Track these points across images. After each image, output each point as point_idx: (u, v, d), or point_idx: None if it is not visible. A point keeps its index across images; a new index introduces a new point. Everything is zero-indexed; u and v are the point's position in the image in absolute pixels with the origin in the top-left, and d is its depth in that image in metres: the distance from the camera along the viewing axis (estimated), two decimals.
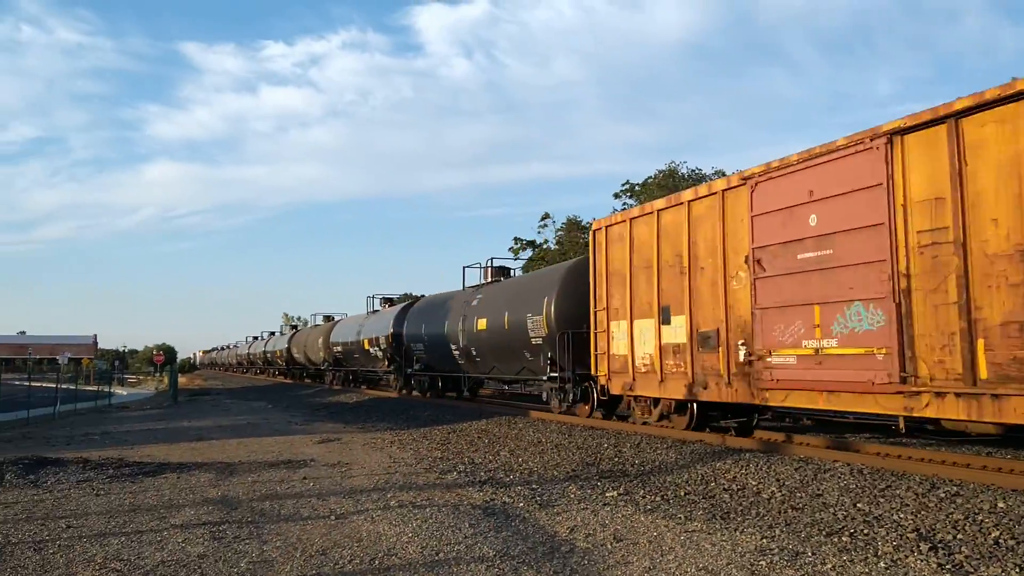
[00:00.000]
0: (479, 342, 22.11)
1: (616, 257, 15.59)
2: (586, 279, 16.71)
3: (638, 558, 6.65)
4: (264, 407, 29.87)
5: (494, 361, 21.81)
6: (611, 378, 15.58)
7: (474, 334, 22.28)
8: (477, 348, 22.38)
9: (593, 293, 16.30)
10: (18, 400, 26.19)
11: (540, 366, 18.55)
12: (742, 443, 12.49)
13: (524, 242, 54.94)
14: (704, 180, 43.38)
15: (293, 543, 7.42)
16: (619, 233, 15.52)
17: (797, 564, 6.25)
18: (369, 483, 10.72)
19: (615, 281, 15.55)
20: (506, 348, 20.42)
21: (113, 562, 6.91)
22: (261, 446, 15.72)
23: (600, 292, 16.05)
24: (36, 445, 16.96)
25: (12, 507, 9.56)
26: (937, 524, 7.18)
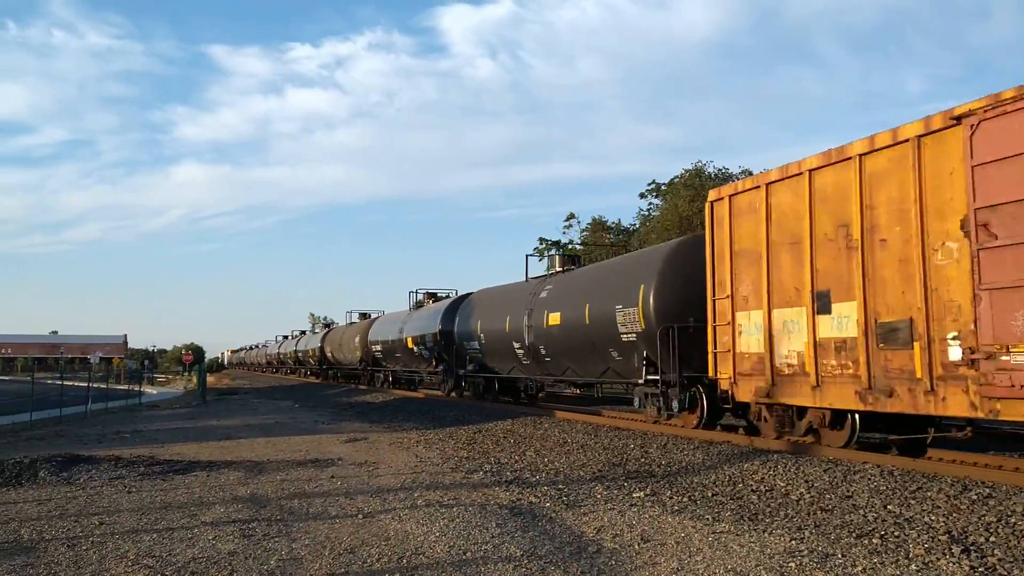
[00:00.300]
0: (549, 339, 19.47)
1: (744, 233, 12.72)
2: (693, 262, 14.23)
3: (666, 559, 6.63)
4: (291, 406, 30.09)
5: (569, 361, 19.12)
6: (737, 382, 12.73)
7: (543, 330, 19.66)
8: (547, 346, 19.72)
9: (711, 278, 13.45)
10: (51, 399, 26.56)
11: (632, 367, 15.88)
12: (770, 444, 12.40)
13: (549, 243, 54.95)
14: (731, 180, 43.13)
15: (322, 541, 7.48)
16: (749, 203, 12.66)
17: (827, 566, 6.21)
18: (396, 482, 10.77)
19: (743, 262, 12.71)
20: (585, 346, 17.73)
21: (145, 558, 7.01)
22: (289, 445, 15.85)
23: (721, 276, 13.22)
24: (69, 443, 17.22)
25: (46, 504, 9.72)
26: (969, 526, 7.10)
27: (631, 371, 16.09)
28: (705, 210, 13.88)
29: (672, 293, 14.69)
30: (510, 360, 22.40)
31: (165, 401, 38.39)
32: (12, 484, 11.16)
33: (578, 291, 18.66)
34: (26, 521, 8.68)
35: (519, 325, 21.04)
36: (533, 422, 17.52)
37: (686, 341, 14.07)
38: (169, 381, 75.84)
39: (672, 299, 14.64)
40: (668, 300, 14.68)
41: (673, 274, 14.80)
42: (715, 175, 43.37)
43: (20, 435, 20.00)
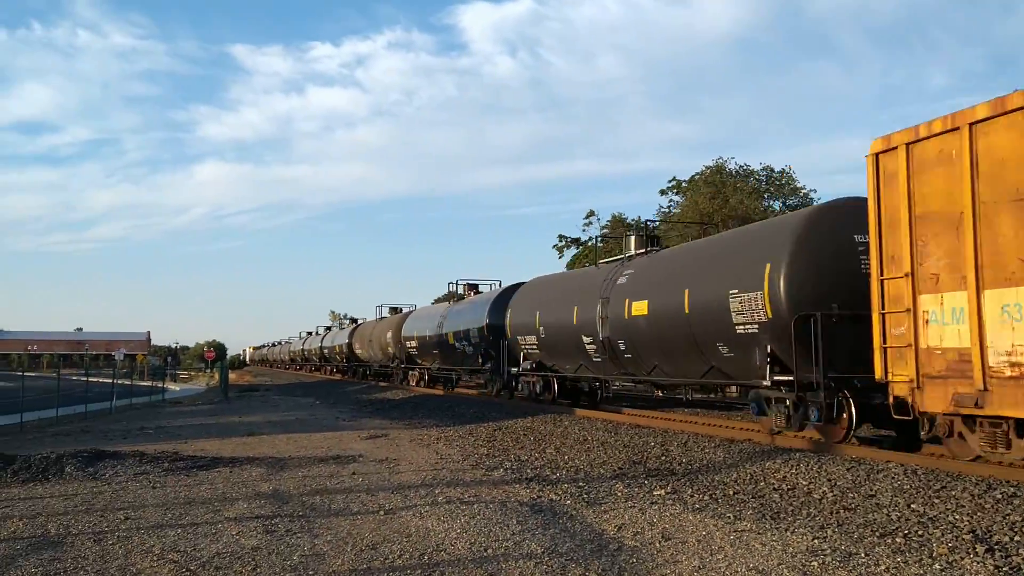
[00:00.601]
0: (632, 333, 16.53)
1: (932, 191, 9.85)
2: (837, 234, 12.09)
3: (687, 557, 6.62)
4: (312, 403, 30.28)
5: (657, 358, 16.16)
6: (923, 386, 9.83)
7: (623, 322, 16.70)
8: (628, 341, 16.74)
9: (877, 252, 10.61)
10: (76, 395, 26.89)
11: (749, 366, 13.14)
12: (792, 443, 12.34)
13: (569, 240, 54.87)
14: (753, 176, 42.90)
15: (343, 537, 7.53)
16: (938, 152, 9.77)
17: (850, 565, 6.17)
18: (417, 479, 10.82)
19: (931, 230, 9.85)
20: (683, 340, 14.89)
21: (170, 553, 7.08)
22: (310, 441, 15.95)
23: (894, 249, 10.37)
24: (94, 439, 17.43)
25: (72, 499, 9.84)
26: (994, 525, 7.03)
27: (747, 370, 13.39)
28: (867, 166, 10.82)
29: (810, 273, 12.02)
30: (576, 357, 19.59)
31: (188, 398, 38.74)
32: (39, 479, 11.31)
33: (672, 274, 15.74)
34: (53, 516, 8.80)
35: (590, 317, 18.16)
36: (553, 419, 17.52)
37: (826, 334, 11.55)
38: (191, 378, 76.50)
39: (810, 281, 11.98)
40: (805, 282, 12.00)
41: (811, 249, 12.13)
42: (736, 172, 43.10)
43: (46, 431, 20.27)
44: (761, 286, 12.50)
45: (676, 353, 15.46)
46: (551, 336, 20.62)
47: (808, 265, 12.09)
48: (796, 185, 42.40)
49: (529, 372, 22.39)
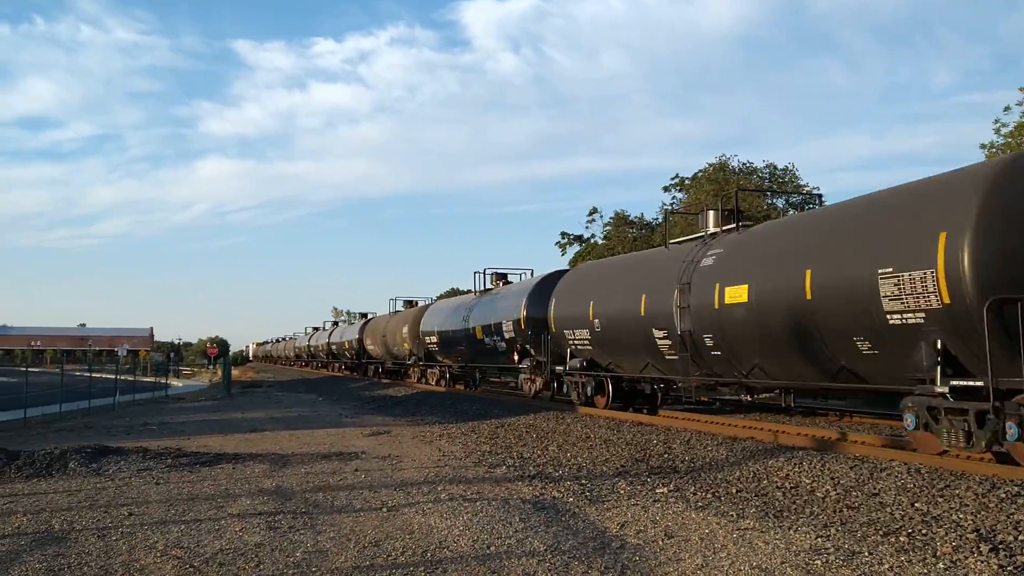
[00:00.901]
0: (725, 325, 13.59)
1: None
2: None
3: (690, 555, 6.62)
4: (314, 399, 30.32)
5: (761, 357, 13.22)
6: None
7: (712, 312, 13.75)
8: (719, 335, 13.81)
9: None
10: (80, 391, 26.94)
11: (905, 365, 10.43)
12: (794, 441, 12.33)
13: (571, 237, 54.86)
14: (755, 174, 42.87)
15: (346, 534, 7.53)
16: None
17: (853, 564, 6.17)
18: (419, 476, 10.82)
19: None
20: (801, 334, 11.98)
21: (174, 549, 7.09)
22: (313, 438, 15.97)
23: None
24: (98, 434, 17.47)
25: (76, 494, 9.86)
26: (998, 525, 7.02)
27: (897, 372, 10.74)
28: None
29: (1010, 244, 9.26)
30: (641, 355, 16.67)
31: (191, 394, 38.80)
32: (43, 475, 11.34)
33: (784, 252, 12.79)
34: (57, 511, 8.82)
35: (664, 306, 15.21)
36: (555, 417, 17.52)
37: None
38: (194, 374, 76.63)
39: (1011, 254, 9.22)
40: (1003, 256, 9.21)
41: (1010, 212, 9.36)
42: (739, 169, 43.06)
43: (50, 426, 20.31)
44: (932, 262, 9.63)
45: (787, 350, 12.49)
46: (609, 330, 17.66)
47: (1006, 232, 9.27)
48: (799, 183, 42.36)
49: (580, 371, 19.39)
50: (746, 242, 14.24)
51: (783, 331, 12.34)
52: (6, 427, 19.73)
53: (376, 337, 42.15)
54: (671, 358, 15.53)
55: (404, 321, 36.20)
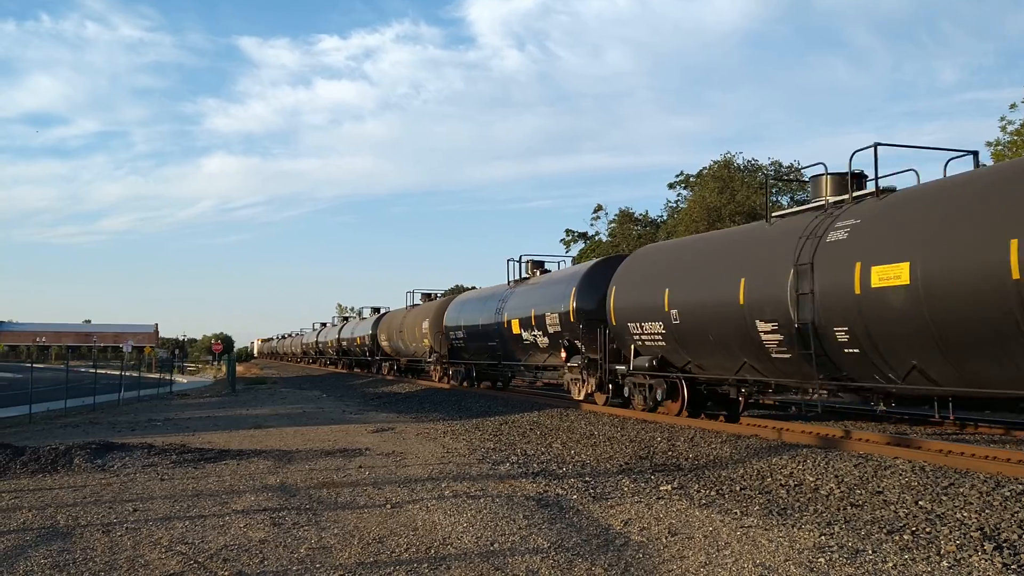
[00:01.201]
0: (870, 315, 10.74)
1: None
2: None
3: (693, 552, 6.62)
4: (319, 396, 30.35)
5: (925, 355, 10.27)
6: None
7: (849, 299, 10.99)
8: (858, 327, 10.98)
9: None
10: (85, 387, 27.01)
11: None
12: (798, 438, 12.32)
13: (576, 234, 54.89)
14: (760, 171, 42.81)
15: (350, 531, 7.55)
16: None
17: (857, 562, 6.16)
18: (423, 473, 10.83)
19: None
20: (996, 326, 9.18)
21: (179, 545, 7.11)
22: (317, 434, 16.00)
23: None
24: (102, 430, 17.51)
25: (81, 490, 9.89)
26: (1002, 523, 7.02)
27: None
28: None
29: None
30: (738, 352, 13.81)
31: (195, 390, 38.88)
32: (48, 470, 11.37)
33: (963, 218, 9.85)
34: (62, 507, 8.85)
35: (773, 293, 12.49)
36: (559, 414, 17.53)
37: None
38: (199, 370, 76.75)
39: None
40: None
41: None
42: (744, 167, 43.02)
43: (55, 422, 20.37)
44: None
45: (974, 346, 9.65)
46: (689, 322, 14.88)
47: None
48: (804, 180, 42.27)
49: (646, 371, 16.63)
50: (898, 208, 11.19)
51: (971, 322, 9.48)
52: (11, 423, 19.79)
53: (392, 332, 38.78)
54: (780, 357, 12.75)
55: (424, 315, 33.05)
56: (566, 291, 20.45)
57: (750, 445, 11.89)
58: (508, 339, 24.33)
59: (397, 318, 38.87)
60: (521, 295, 23.98)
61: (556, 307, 20.78)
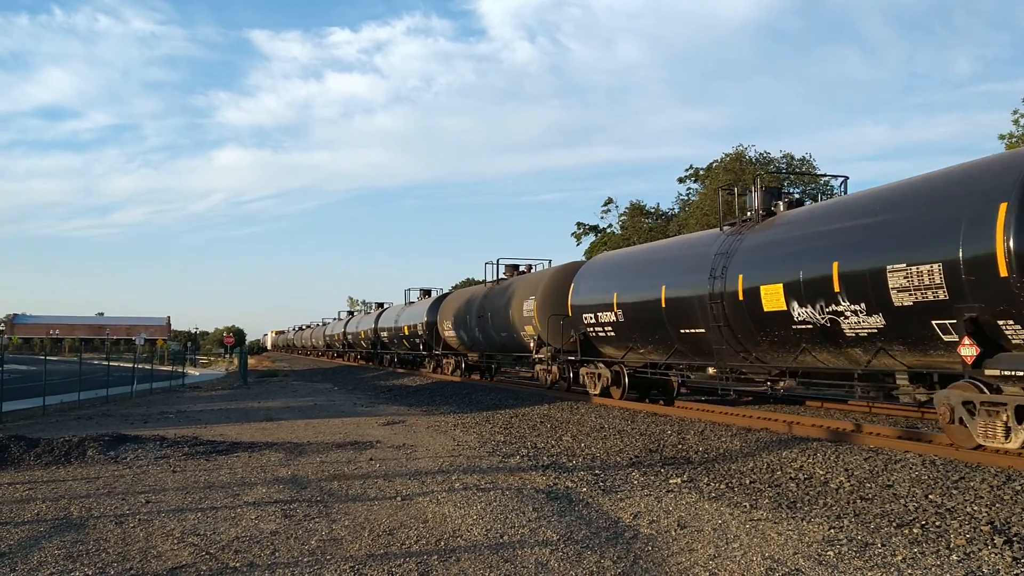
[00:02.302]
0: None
1: None
2: None
3: (703, 545, 6.63)
4: (330, 389, 30.46)
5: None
6: None
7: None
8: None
9: None
10: (98, 379, 27.18)
11: None
12: (809, 432, 12.30)
13: (587, 227, 54.80)
14: (772, 164, 42.59)
15: (361, 523, 7.59)
16: None
17: (866, 555, 6.16)
18: (434, 465, 10.87)
19: None
20: None
21: (191, 536, 7.17)
22: (328, 427, 16.07)
23: None
24: (115, 422, 17.63)
25: (94, 482, 9.97)
26: (1012, 517, 6.99)
27: None
28: None
29: None
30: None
31: (207, 383, 39.06)
32: (62, 462, 11.46)
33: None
34: (75, 498, 8.92)
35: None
36: (570, 407, 17.54)
37: None
38: (211, 363, 77.06)
39: None
40: None
41: None
42: (756, 159, 42.80)
43: (69, 414, 20.52)
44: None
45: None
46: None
47: None
48: (816, 173, 42.07)
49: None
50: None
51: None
52: (26, 415, 19.95)
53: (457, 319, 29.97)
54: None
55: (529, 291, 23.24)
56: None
57: (760, 438, 11.88)
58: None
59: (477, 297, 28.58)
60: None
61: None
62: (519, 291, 23.31)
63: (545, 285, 21.52)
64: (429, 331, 33.79)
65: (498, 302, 24.82)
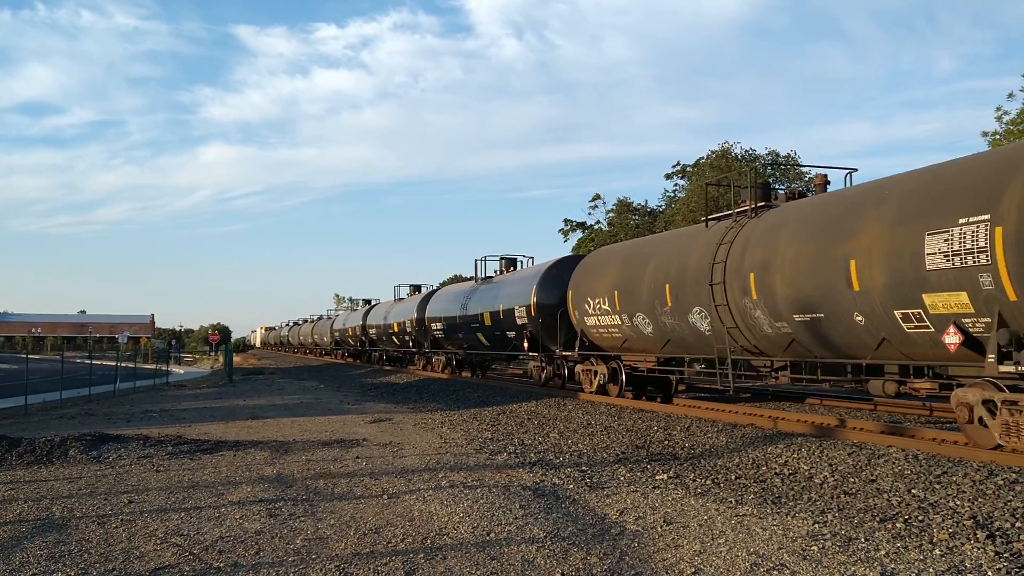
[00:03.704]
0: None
1: None
2: None
3: (688, 541, 6.64)
4: (316, 387, 30.35)
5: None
6: None
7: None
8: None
9: None
10: (80, 378, 26.98)
11: None
12: (794, 427, 12.36)
13: (574, 223, 54.83)
14: (758, 160, 42.76)
15: (347, 521, 7.56)
16: None
17: (850, 550, 6.19)
18: (420, 463, 10.85)
19: None
20: None
21: (174, 537, 7.12)
22: (314, 425, 16.00)
23: None
24: (98, 421, 17.51)
25: (76, 482, 9.89)
26: (995, 512, 7.04)
27: None
28: None
29: None
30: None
31: (192, 381, 38.85)
32: (43, 462, 11.36)
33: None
34: (57, 498, 8.85)
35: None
36: (557, 404, 17.55)
37: None
38: (196, 361, 76.68)
39: None
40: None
41: None
42: (742, 156, 42.95)
43: (50, 413, 20.36)
44: None
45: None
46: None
47: None
48: (801, 170, 42.28)
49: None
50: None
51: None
52: (7, 414, 19.78)
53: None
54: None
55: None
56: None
57: (746, 434, 11.92)
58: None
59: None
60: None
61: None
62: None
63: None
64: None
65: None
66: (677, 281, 15.16)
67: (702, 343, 14.97)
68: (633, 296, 16.70)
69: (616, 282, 17.50)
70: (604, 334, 18.32)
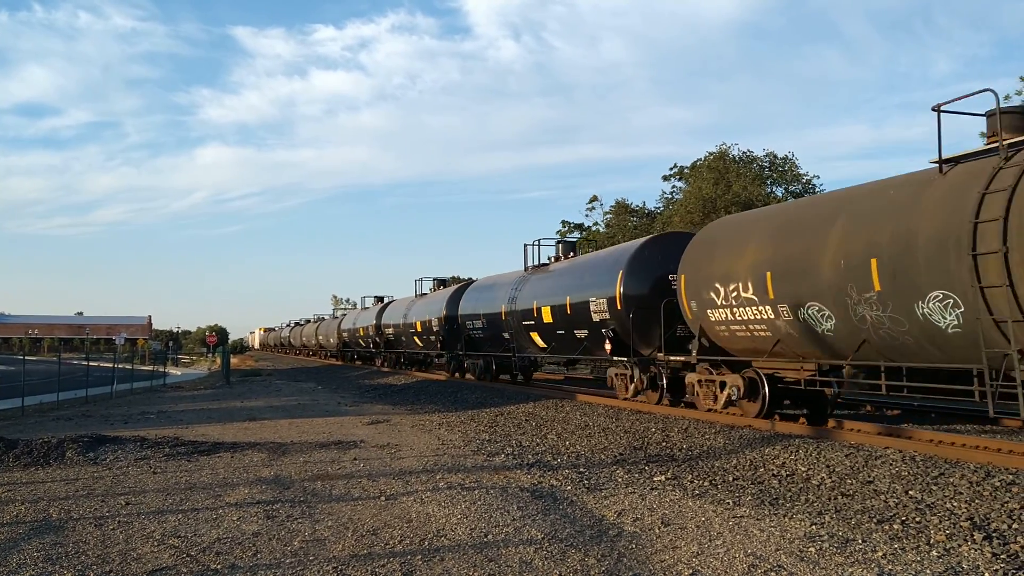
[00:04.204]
0: None
1: None
2: None
3: (686, 543, 6.64)
4: (314, 388, 30.32)
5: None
6: None
7: None
8: None
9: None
10: (77, 379, 26.95)
11: None
12: (791, 428, 12.36)
13: (572, 225, 54.82)
14: (755, 162, 42.80)
15: (344, 523, 7.55)
16: None
17: (847, 551, 6.20)
18: (418, 465, 10.84)
19: None
20: None
21: (171, 538, 7.11)
22: (312, 427, 15.99)
23: None
24: (95, 423, 17.48)
25: (73, 483, 9.88)
26: (992, 513, 7.05)
27: None
28: None
29: None
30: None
31: (189, 382, 38.80)
32: (40, 464, 11.35)
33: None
34: (54, 500, 8.84)
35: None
36: (555, 405, 17.55)
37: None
38: (193, 362, 76.57)
39: None
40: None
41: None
42: (739, 158, 42.97)
43: (48, 415, 20.33)
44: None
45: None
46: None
47: None
48: (798, 171, 42.35)
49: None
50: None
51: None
52: (4, 416, 19.76)
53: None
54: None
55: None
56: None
57: (743, 435, 11.93)
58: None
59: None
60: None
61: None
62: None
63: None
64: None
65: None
66: (893, 253, 10.13)
67: (938, 345, 9.88)
68: (801, 278, 11.75)
69: (767, 259, 12.56)
70: (740, 333, 13.39)
